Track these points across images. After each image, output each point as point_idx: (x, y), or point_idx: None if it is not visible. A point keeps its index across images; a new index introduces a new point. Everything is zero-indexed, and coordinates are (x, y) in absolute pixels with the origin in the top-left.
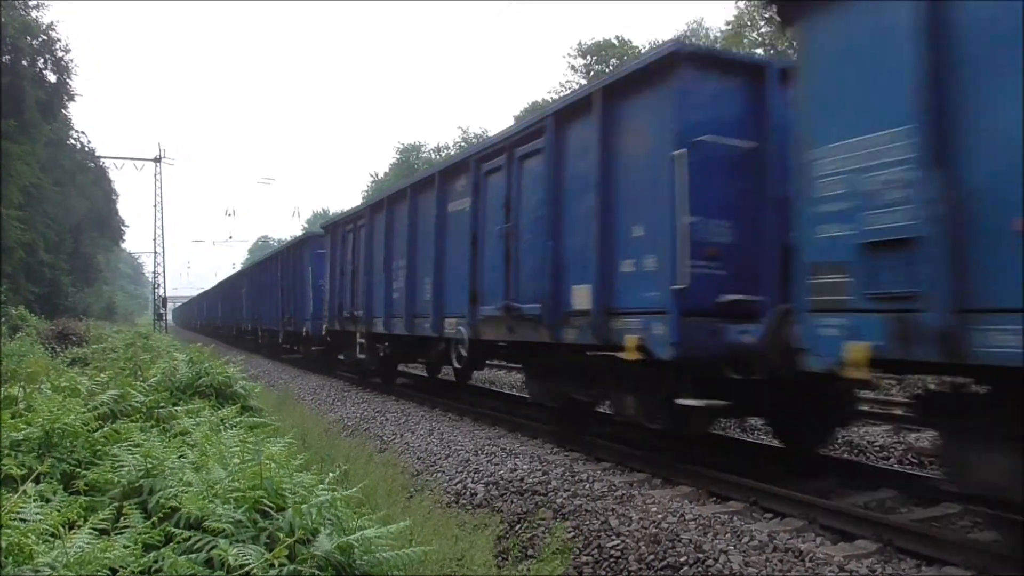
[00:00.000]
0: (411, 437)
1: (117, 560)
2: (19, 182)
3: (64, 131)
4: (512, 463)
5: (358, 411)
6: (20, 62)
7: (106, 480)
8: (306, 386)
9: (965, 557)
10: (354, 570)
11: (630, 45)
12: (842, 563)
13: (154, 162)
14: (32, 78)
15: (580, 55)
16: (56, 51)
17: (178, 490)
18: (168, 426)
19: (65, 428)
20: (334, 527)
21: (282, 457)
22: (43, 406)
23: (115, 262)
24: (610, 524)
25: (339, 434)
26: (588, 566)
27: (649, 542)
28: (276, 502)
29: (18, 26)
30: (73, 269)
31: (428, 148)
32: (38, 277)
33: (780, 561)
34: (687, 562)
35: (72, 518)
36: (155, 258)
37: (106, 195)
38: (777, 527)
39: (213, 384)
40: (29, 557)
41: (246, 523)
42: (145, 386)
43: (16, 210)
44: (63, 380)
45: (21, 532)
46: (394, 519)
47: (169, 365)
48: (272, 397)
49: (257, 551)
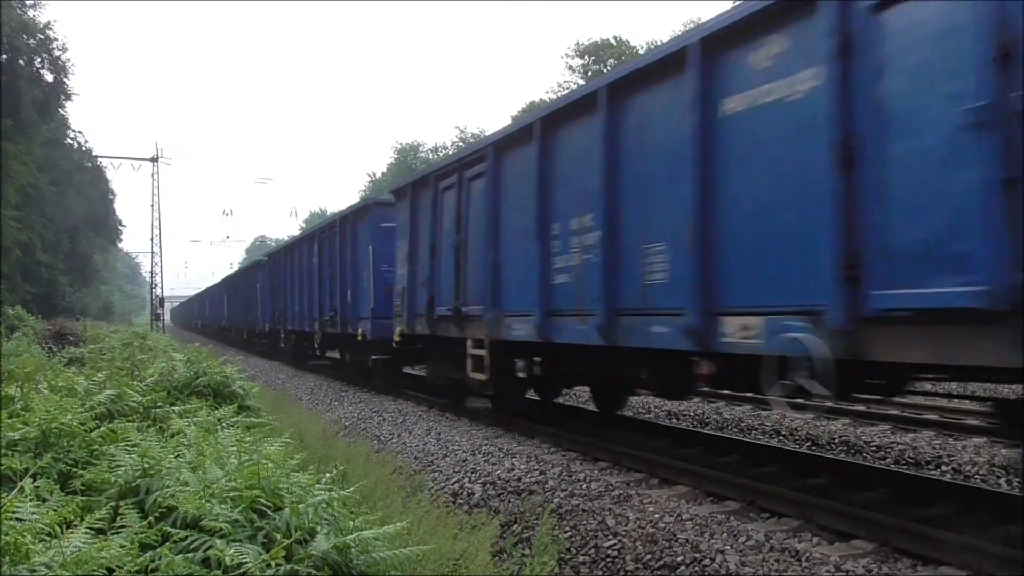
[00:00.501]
0: (408, 437)
1: (114, 560)
2: (16, 182)
3: (61, 131)
4: (509, 463)
5: (355, 411)
6: (17, 61)
7: (103, 480)
8: (303, 386)
9: (961, 557)
10: (351, 570)
11: (628, 45)
12: (838, 563)
13: (151, 162)
14: (29, 77)
15: (578, 55)
16: (53, 50)
17: (175, 490)
18: (165, 426)
19: (62, 428)
20: (331, 527)
21: (279, 457)
22: (40, 406)
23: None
24: (607, 524)
25: (337, 434)
26: (585, 566)
27: (646, 542)
28: (273, 502)
29: (15, 25)
30: (70, 269)
31: (426, 148)
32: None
33: (776, 561)
34: (684, 562)
35: (69, 518)
36: (152, 258)
37: (103, 195)
38: (774, 527)
39: (211, 384)
40: (25, 556)
41: (243, 523)
42: (142, 386)
43: (13, 210)
44: (60, 380)
45: (17, 531)
46: (391, 519)
47: (167, 365)
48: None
49: (254, 551)
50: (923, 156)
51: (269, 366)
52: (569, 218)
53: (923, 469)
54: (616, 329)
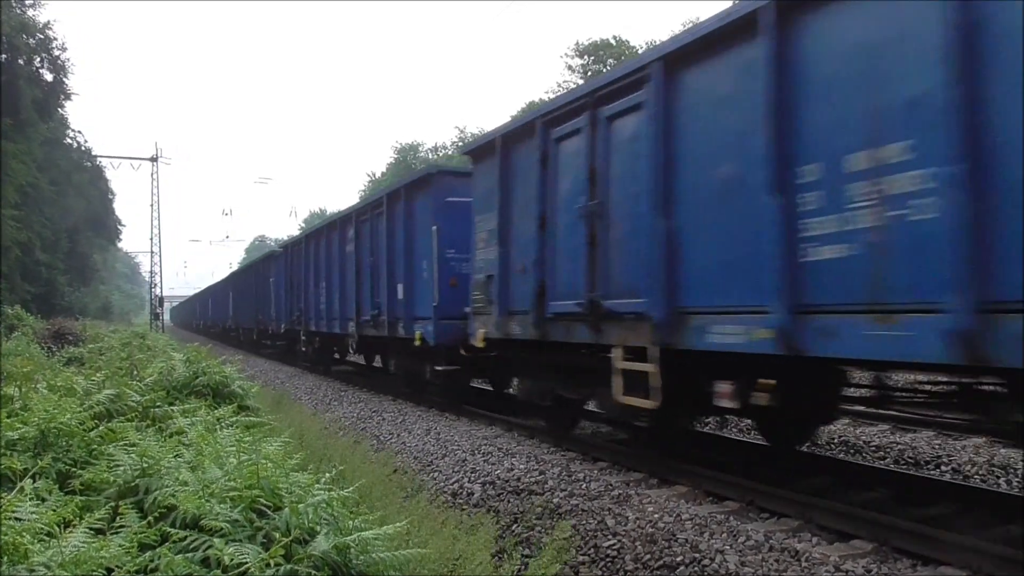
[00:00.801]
0: (408, 437)
1: (113, 559)
2: (15, 181)
3: (60, 130)
4: (509, 463)
5: (355, 411)
6: (16, 60)
7: (102, 479)
8: (302, 386)
9: (961, 557)
10: (351, 570)
11: (627, 45)
12: (838, 563)
13: (151, 161)
14: (28, 77)
15: (577, 55)
16: (52, 50)
17: (174, 489)
18: (164, 426)
19: (61, 427)
20: (331, 527)
21: (279, 456)
22: (39, 405)
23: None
24: (607, 524)
25: (336, 434)
26: (585, 566)
27: (645, 542)
28: (273, 501)
29: (15, 24)
30: (69, 268)
31: (425, 148)
32: (34, 276)
33: (776, 561)
34: (683, 562)
35: (68, 517)
36: (152, 258)
37: (102, 194)
38: (773, 527)
39: (210, 384)
40: (24, 556)
41: (243, 522)
42: (141, 385)
43: (12, 209)
44: (59, 380)
45: (17, 531)
46: (391, 519)
47: (166, 365)
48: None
49: (254, 550)
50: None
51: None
52: (845, 154)
53: (923, 469)
54: (991, 337)
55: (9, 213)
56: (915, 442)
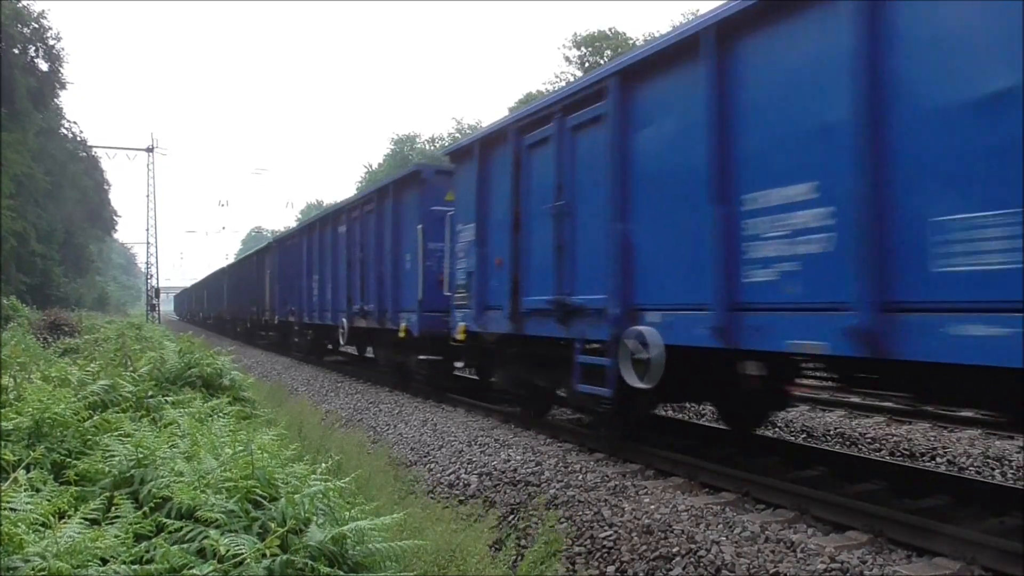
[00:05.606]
0: (404, 428)
1: (108, 550)
2: (10, 171)
3: (55, 120)
4: (505, 454)
5: (351, 402)
6: (11, 50)
7: (97, 470)
8: (299, 377)
9: (955, 548)
10: (347, 560)
11: (624, 37)
12: (833, 554)
13: (147, 152)
14: (23, 66)
15: (575, 46)
16: (47, 39)
17: (169, 480)
18: (158, 416)
19: (55, 418)
20: (327, 517)
21: (274, 447)
22: (33, 396)
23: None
24: (603, 515)
25: (333, 425)
26: (581, 557)
27: (641, 533)
28: (268, 492)
29: (9, 14)
30: (65, 259)
31: (423, 139)
32: (29, 267)
33: (772, 552)
34: (679, 553)
35: (63, 508)
36: (148, 248)
37: (98, 185)
38: (769, 518)
39: (203, 375)
40: (19, 547)
41: (238, 513)
42: (134, 376)
43: (7, 199)
44: (54, 370)
45: (11, 522)
46: (387, 510)
47: (158, 355)
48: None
49: (249, 541)
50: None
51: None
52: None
53: (918, 461)
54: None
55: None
56: (911, 434)
